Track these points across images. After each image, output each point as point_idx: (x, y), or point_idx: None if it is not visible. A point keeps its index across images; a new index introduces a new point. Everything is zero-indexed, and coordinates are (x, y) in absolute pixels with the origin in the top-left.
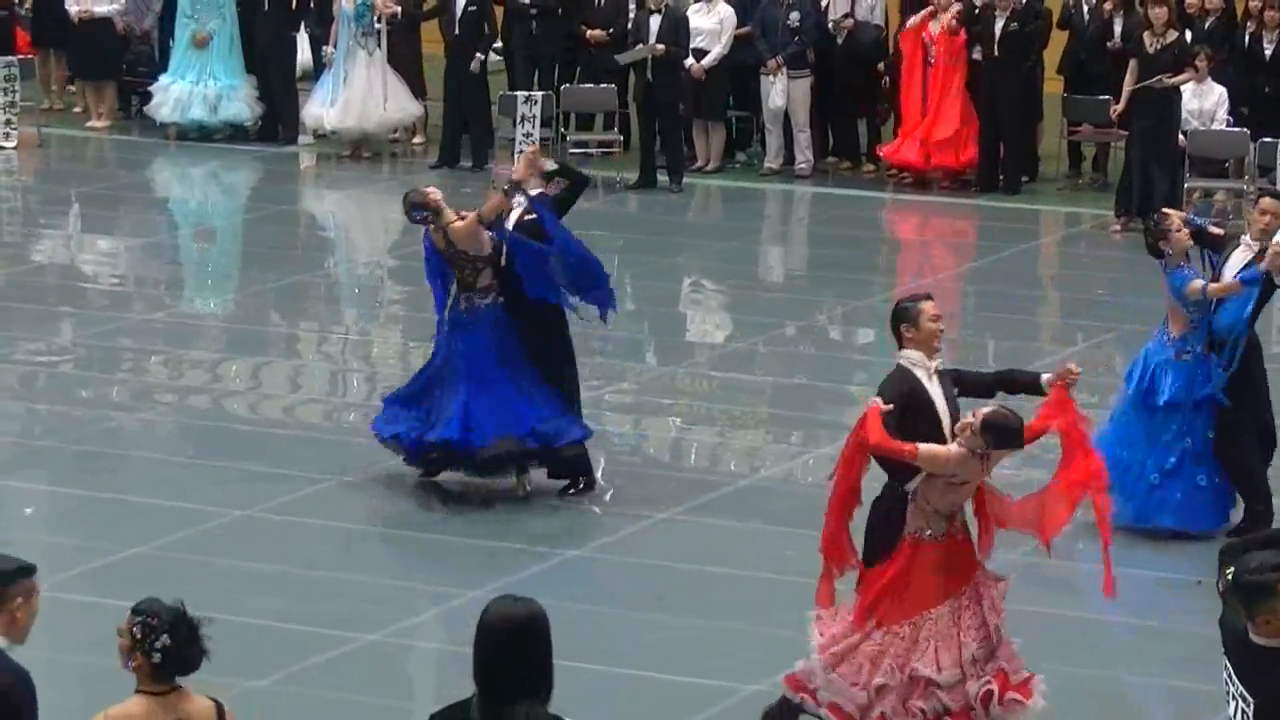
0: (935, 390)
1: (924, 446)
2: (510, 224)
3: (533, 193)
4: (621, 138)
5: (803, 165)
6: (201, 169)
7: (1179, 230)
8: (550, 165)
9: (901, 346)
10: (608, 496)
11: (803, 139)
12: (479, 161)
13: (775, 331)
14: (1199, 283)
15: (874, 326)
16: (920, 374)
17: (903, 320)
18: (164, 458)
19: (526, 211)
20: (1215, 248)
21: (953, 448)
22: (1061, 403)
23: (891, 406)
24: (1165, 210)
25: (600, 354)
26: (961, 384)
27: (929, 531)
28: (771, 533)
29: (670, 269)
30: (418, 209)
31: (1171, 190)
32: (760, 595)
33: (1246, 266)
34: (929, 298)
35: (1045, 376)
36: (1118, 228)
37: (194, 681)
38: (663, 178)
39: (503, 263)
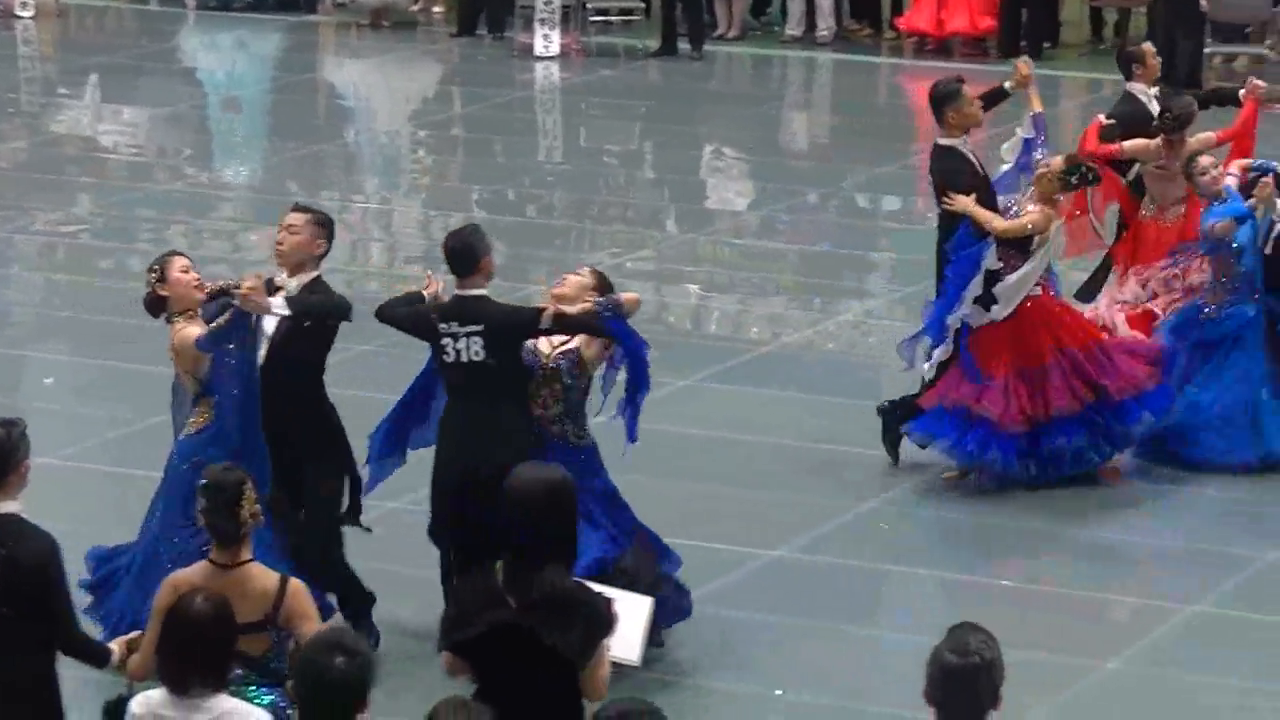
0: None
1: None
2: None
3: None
4: (643, 5)
5: (824, 32)
6: (222, 38)
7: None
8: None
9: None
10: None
11: (825, 5)
12: (496, 30)
13: (797, 199)
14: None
15: (897, 193)
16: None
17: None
18: None
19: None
20: None
21: None
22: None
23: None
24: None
25: None
26: None
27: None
28: (793, 399)
29: (691, 137)
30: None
31: (1194, 56)
32: (781, 461)
33: None
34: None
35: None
36: None
37: None
38: (684, 45)
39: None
